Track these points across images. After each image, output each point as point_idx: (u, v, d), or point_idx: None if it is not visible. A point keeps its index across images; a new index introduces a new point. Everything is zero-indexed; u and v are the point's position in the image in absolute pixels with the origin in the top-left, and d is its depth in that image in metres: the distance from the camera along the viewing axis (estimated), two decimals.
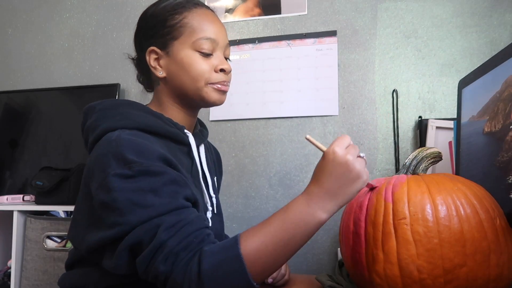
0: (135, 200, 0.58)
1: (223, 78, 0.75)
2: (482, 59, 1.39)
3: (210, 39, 0.73)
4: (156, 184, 0.59)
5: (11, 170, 1.70)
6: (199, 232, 0.59)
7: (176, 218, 0.58)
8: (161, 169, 0.61)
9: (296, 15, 1.58)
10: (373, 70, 1.50)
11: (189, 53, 0.73)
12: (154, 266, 0.56)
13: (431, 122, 1.35)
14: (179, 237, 0.56)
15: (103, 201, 0.59)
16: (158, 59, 0.75)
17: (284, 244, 0.56)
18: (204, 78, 0.73)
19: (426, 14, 1.47)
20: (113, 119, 0.68)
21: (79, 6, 1.81)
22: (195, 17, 0.74)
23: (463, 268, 0.54)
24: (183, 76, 0.73)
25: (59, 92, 1.72)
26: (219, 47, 0.75)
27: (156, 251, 0.56)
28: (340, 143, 0.58)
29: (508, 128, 0.65)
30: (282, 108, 1.55)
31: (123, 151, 0.60)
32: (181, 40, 0.73)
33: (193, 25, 0.73)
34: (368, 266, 0.61)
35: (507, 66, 0.68)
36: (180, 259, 0.55)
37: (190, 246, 0.57)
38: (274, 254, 0.56)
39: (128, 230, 0.57)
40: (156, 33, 0.75)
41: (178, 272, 0.55)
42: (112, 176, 0.58)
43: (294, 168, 1.54)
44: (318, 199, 0.57)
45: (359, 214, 0.64)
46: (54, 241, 1.33)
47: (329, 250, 1.48)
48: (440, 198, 0.58)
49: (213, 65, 0.74)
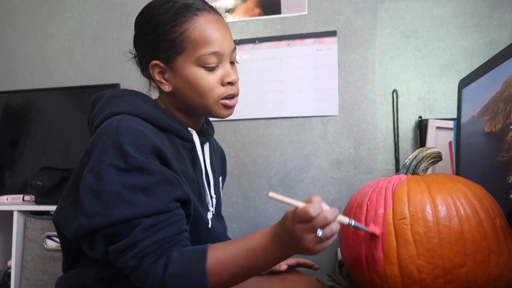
0: (124, 195, 0.59)
1: (230, 91, 0.73)
2: (482, 59, 1.39)
3: (214, 52, 0.69)
4: (148, 183, 0.61)
5: (11, 170, 1.70)
6: (173, 237, 0.62)
7: (155, 220, 0.60)
8: (155, 168, 0.62)
9: (296, 15, 1.58)
10: (373, 70, 1.50)
11: (194, 70, 0.69)
12: (122, 260, 0.60)
13: (431, 122, 1.35)
14: (152, 240, 0.59)
15: (91, 187, 0.60)
16: (163, 72, 0.72)
17: (246, 269, 0.61)
18: (212, 95, 0.71)
19: (426, 14, 1.47)
20: (117, 105, 0.68)
21: (79, 6, 1.81)
22: (196, 28, 0.68)
23: (463, 268, 0.54)
24: (190, 93, 0.71)
25: (59, 92, 1.72)
26: (225, 57, 0.71)
27: (128, 247, 0.59)
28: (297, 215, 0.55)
29: (508, 128, 0.65)
30: (282, 108, 1.55)
31: (122, 141, 0.60)
32: (184, 55, 0.69)
33: (195, 39, 0.68)
34: (368, 266, 0.61)
35: (507, 66, 0.68)
36: (148, 259, 0.59)
37: (160, 249, 0.60)
38: (235, 276, 0.61)
39: (109, 223, 0.59)
40: (158, 47, 0.71)
41: (143, 270, 0.59)
42: (107, 165, 0.59)
43: (294, 168, 1.54)
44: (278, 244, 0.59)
45: (359, 214, 0.64)
46: (54, 241, 1.33)
47: (329, 250, 1.48)
48: (440, 198, 0.58)
49: (219, 78, 0.71)
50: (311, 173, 1.52)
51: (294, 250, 0.59)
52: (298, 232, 0.55)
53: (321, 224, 0.54)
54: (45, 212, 1.40)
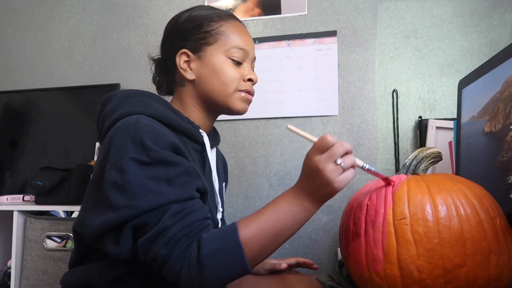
0: (149, 186, 0.59)
1: (249, 88, 0.79)
2: (482, 59, 1.39)
3: (242, 49, 0.77)
4: (171, 174, 0.61)
5: (11, 170, 1.70)
6: (201, 222, 0.61)
7: (182, 207, 0.60)
8: (177, 160, 0.62)
9: (296, 15, 1.58)
10: (373, 70, 1.50)
11: (222, 59, 0.76)
12: (154, 249, 0.58)
13: (431, 122, 1.35)
14: (182, 224, 0.59)
15: (115, 182, 0.59)
16: (189, 62, 0.77)
17: (276, 232, 0.60)
18: (233, 85, 0.76)
19: (426, 14, 1.47)
20: (131, 105, 0.69)
21: (79, 6, 1.81)
22: (230, 27, 0.77)
23: (463, 268, 0.54)
24: (213, 80, 0.76)
25: (59, 92, 1.72)
26: (249, 58, 0.80)
27: (159, 235, 0.58)
28: (316, 147, 0.59)
29: (508, 128, 0.65)
30: (282, 108, 1.55)
31: (142, 136, 0.61)
32: (215, 46, 0.76)
33: (228, 34, 0.76)
34: (368, 266, 0.61)
35: (507, 66, 0.68)
36: (181, 244, 0.58)
37: (190, 233, 0.59)
38: (268, 241, 0.60)
39: (136, 214, 0.58)
40: (190, 37, 0.77)
41: (176, 257, 0.57)
42: (129, 159, 0.59)
43: (294, 168, 1.54)
44: (303, 194, 0.61)
45: (359, 214, 0.64)
46: (54, 241, 1.33)
47: (329, 250, 1.48)
48: (440, 198, 0.58)
49: (242, 74, 0.78)
50: None
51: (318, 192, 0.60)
52: (320, 164, 0.57)
53: (339, 151, 0.57)
54: (45, 212, 1.40)
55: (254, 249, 0.59)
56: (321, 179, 0.58)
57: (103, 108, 0.73)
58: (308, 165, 0.60)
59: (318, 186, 0.59)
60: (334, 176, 0.57)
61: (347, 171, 0.58)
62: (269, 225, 0.60)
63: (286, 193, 0.63)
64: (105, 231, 0.61)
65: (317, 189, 0.59)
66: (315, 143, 0.59)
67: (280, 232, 0.61)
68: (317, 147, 0.59)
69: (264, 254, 0.61)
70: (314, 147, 0.59)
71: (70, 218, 1.34)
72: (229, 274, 0.59)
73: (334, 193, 0.59)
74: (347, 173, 0.58)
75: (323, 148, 0.58)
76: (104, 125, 0.69)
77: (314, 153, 0.59)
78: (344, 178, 0.58)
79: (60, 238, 1.34)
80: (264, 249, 0.60)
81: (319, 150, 0.58)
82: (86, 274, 0.69)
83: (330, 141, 0.57)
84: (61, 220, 1.34)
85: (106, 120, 0.69)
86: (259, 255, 0.60)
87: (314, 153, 0.59)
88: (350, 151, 0.59)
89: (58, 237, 1.34)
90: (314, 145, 0.60)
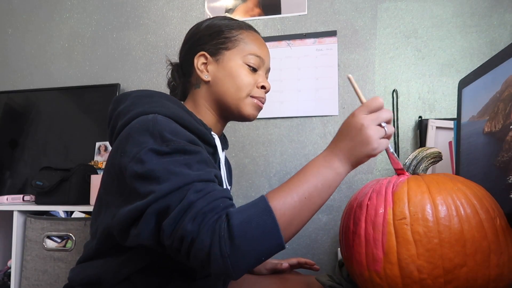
0: (171, 169, 0.58)
1: (262, 95, 0.81)
2: (482, 59, 1.39)
3: (259, 57, 0.80)
4: (190, 160, 0.61)
5: (11, 170, 1.70)
6: (225, 199, 0.59)
7: (204, 185, 0.59)
8: (195, 149, 0.63)
9: (296, 15, 1.58)
10: (373, 70, 1.50)
11: (239, 64, 0.78)
12: (181, 226, 0.55)
13: (431, 122, 1.35)
14: (207, 200, 0.57)
15: (137, 173, 0.59)
16: (206, 64, 0.80)
17: (308, 195, 0.58)
18: (247, 90, 0.78)
19: (426, 14, 1.47)
20: (147, 105, 0.69)
21: (79, 6, 1.81)
22: (249, 36, 0.81)
23: (463, 268, 0.54)
24: (228, 83, 0.78)
25: (59, 92, 1.72)
26: (264, 67, 0.82)
27: (185, 211, 0.56)
28: (367, 105, 0.60)
29: (508, 128, 0.65)
30: (282, 108, 1.55)
31: (161, 130, 0.62)
32: (233, 51, 0.79)
33: (247, 42, 0.80)
34: (368, 266, 0.61)
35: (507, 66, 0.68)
36: (208, 219, 0.55)
37: (217, 208, 0.57)
38: (299, 207, 0.58)
39: (161, 196, 0.57)
40: (210, 41, 0.80)
41: (205, 232, 0.54)
42: (148, 150, 0.59)
43: (294, 168, 1.54)
44: (334, 155, 0.61)
45: (359, 214, 0.64)
46: (54, 241, 1.33)
47: (329, 250, 1.48)
48: (440, 198, 0.58)
49: (256, 80, 0.80)
50: None
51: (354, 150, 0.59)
52: (365, 122, 0.58)
53: (386, 115, 0.59)
54: (45, 212, 1.40)
55: (286, 216, 0.56)
56: (361, 137, 0.58)
57: (116, 107, 0.73)
58: (351, 122, 0.60)
59: (357, 143, 0.59)
60: (376, 136, 0.58)
61: (385, 139, 0.60)
62: (299, 190, 0.58)
63: (316, 157, 0.62)
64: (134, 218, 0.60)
65: (354, 147, 0.59)
66: (367, 102, 0.60)
67: (311, 197, 0.58)
68: (368, 106, 0.60)
69: (296, 222, 0.57)
70: (364, 106, 0.60)
71: (70, 218, 1.34)
72: (263, 247, 0.54)
73: (370, 156, 0.60)
74: (385, 140, 0.60)
75: (374, 108, 0.59)
76: (118, 123, 0.69)
77: (362, 111, 0.60)
78: (383, 142, 0.59)
79: (60, 238, 1.34)
80: (296, 216, 0.57)
81: (369, 109, 0.59)
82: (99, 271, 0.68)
83: (381, 103, 0.59)
84: (61, 220, 1.34)
85: (120, 119, 0.69)
86: (292, 222, 0.57)
87: (362, 111, 0.60)
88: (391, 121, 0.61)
89: (58, 237, 1.34)
90: (364, 103, 0.60)
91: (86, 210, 1.35)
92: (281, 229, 0.54)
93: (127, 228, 0.61)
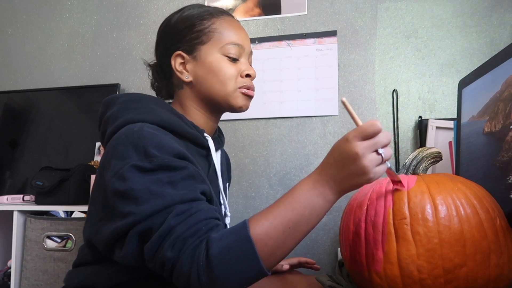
0: (152, 189, 0.57)
1: (248, 83, 0.77)
2: (482, 59, 1.39)
3: (237, 44, 0.75)
4: (175, 178, 0.59)
5: (11, 170, 1.70)
6: (208, 221, 0.58)
7: (187, 206, 0.57)
8: (181, 164, 0.61)
9: (296, 15, 1.58)
10: (373, 70, 1.50)
11: (218, 57, 0.74)
12: (161, 253, 0.55)
13: (431, 122, 1.35)
14: (188, 224, 0.56)
15: (118, 190, 0.58)
16: (184, 63, 0.76)
17: (293, 225, 0.55)
18: (232, 83, 0.75)
19: (426, 14, 1.47)
20: (135, 112, 0.68)
21: (79, 6, 1.81)
22: (223, 23, 0.75)
23: (463, 268, 0.54)
24: (211, 79, 0.74)
25: (59, 92, 1.72)
26: (245, 53, 0.77)
27: (165, 236, 0.55)
28: (362, 131, 0.53)
29: (508, 128, 0.65)
30: (282, 108, 1.55)
31: (145, 144, 0.60)
32: (210, 44, 0.74)
33: (222, 31, 0.75)
34: (368, 266, 0.61)
35: (507, 66, 0.68)
36: (188, 245, 0.54)
37: (198, 233, 0.55)
38: (283, 236, 0.55)
39: (141, 219, 0.56)
40: (183, 38, 0.75)
41: (185, 259, 0.54)
42: (130, 166, 0.58)
43: (294, 168, 1.54)
44: (324, 182, 0.56)
45: (359, 214, 0.64)
46: (54, 241, 1.33)
47: (329, 250, 1.48)
48: (440, 198, 0.58)
49: (239, 70, 0.76)
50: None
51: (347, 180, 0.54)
52: (360, 150, 0.52)
53: (384, 141, 0.53)
54: (45, 212, 1.40)
55: (268, 246, 0.54)
56: (357, 167, 0.53)
57: (105, 111, 0.72)
58: (345, 149, 0.54)
59: (350, 174, 0.54)
60: (372, 165, 0.53)
61: (382, 165, 0.54)
62: (284, 219, 0.55)
63: (304, 181, 0.58)
64: (117, 239, 0.60)
65: (348, 177, 0.54)
66: (362, 127, 0.53)
67: (297, 226, 0.55)
68: (363, 132, 0.53)
69: (280, 251, 0.55)
70: (359, 131, 0.53)
71: (70, 218, 1.34)
72: (243, 277, 0.53)
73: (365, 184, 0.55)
74: (383, 165, 0.54)
75: (370, 134, 0.53)
76: (107, 129, 0.68)
77: (356, 137, 0.53)
78: (380, 169, 0.54)
79: (60, 238, 1.34)
80: (280, 246, 0.55)
81: (364, 135, 0.53)
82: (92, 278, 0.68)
83: (379, 128, 0.52)
84: (61, 220, 1.34)
85: (109, 126, 0.68)
86: (275, 252, 0.54)
87: (356, 137, 0.53)
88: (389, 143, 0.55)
89: (58, 237, 1.34)
90: (359, 129, 0.53)
91: (86, 210, 1.35)
92: (262, 259, 0.53)
93: (111, 247, 0.62)
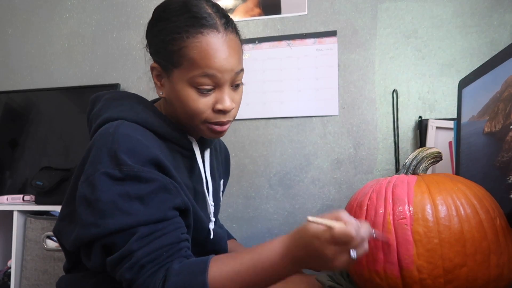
0: (119, 204, 0.57)
1: (220, 119, 0.67)
2: (482, 59, 1.39)
3: (209, 75, 0.64)
4: (144, 191, 0.59)
5: (11, 170, 1.70)
6: (171, 246, 0.59)
7: (151, 229, 0.58)
8: (152, 176, 0.60)
9: (296, 15, 1.58)
10: (373, 70, 1.50)
11: (186, 89, 0.65)
12: (120, 272, 0.58)
13: (431, 122, 1.35)
14: (149, 249, 0.57)
15: (85, 197, 0.59)
16: (160, 76, 0.70)
17: (251, 284, 0.57)
18: (199, 118, 0.67)
19: (426, 14, 1.47)
20: (116, 109, 0.67)
21: (79, 6, 1.81)
22: (196, 48, 0.63)
23: (463, 268, 0.54)
24: (179, 108, 0.68)
25: (59, 92, 1.72)
26: (224, 80, 0.65)
27: (124, 258, 0.57)
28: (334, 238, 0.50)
29: (508, 128, 0.65)
30: (282, 108, 1.55)
31: (117, 149, 0.59)
32: (180, 71, 0.65)
33: (192, 58, 0.63)
34: (368, 266, 0.61)
35: (507, 66, 0.68)
36: (146, 270, 0.57)
37: (158, 259, 0.57)
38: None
39: (105, 234, 0.57)
40: (159, 53, 0.68)
41: (141, 283, 0.56)
42: (101, 174, 0.58)
43: (294, 168, 1.54)
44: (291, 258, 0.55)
45: (359, 214, 0.64)
46: (54, 241, 1.33)
47: None
48: (440, 198, 0.58)
49: (211, 103, 0.66)
50: (311, 173, 1.52)
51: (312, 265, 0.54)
52: (330, 253, 0.50)
53: (357, 245, 0.51)
54: (45, 212, 1.40)
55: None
56: (324, 261, 0.52)
57: (92, 109, 0.72)
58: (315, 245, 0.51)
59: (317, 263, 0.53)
60: (343, 265, 0.52)
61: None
62: (246, 276, 0.56)
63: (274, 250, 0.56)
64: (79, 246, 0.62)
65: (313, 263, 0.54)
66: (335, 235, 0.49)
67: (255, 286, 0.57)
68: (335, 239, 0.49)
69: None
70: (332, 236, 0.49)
71: None
72: None
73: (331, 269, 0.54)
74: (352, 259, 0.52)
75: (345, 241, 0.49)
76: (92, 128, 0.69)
77: (328, 242, 0.50)
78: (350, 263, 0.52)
79: None
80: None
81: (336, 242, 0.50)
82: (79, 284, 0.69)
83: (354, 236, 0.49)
84: None
85: (93, 123, 0.69)
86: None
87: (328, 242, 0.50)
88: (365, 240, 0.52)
89: None
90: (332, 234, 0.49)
91: None
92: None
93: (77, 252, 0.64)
